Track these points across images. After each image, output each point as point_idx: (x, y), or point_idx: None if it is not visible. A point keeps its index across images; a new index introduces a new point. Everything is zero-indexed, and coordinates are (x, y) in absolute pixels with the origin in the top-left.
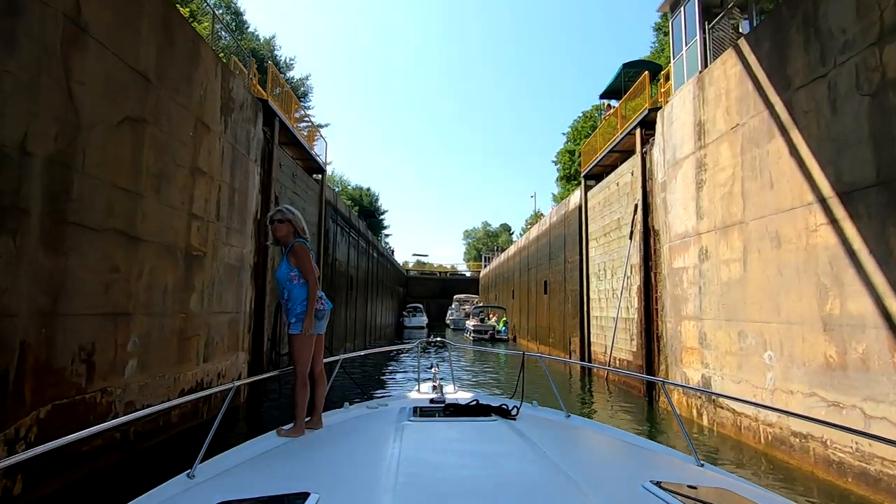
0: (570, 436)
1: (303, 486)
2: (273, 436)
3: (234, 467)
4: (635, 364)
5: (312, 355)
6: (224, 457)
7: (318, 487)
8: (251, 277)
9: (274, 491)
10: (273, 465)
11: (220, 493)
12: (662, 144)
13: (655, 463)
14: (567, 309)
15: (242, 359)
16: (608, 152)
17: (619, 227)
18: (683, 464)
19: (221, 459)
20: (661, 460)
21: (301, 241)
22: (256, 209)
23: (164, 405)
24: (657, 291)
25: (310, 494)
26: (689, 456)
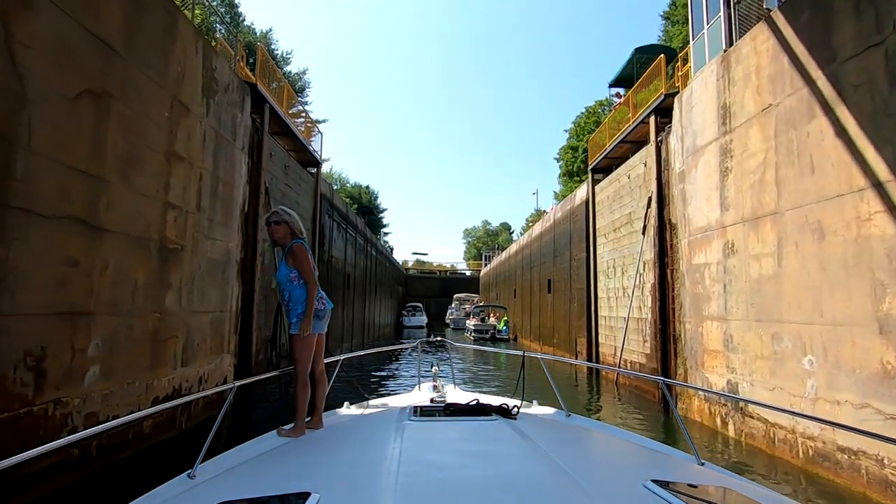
0: (570, 435)
1: (303, 486)
2: (273, 436)
3: (234, 467)
4: (649, 367)
5: (313, 355)
6: (224, 457)
7: (319, 487)
8: (238, 274)
9: (274, 491)
10: (274, 465)
11: (220, 494)
12: (680, 132)
13: (656, 462)
14: (573, 308)
15: (228, 362)
16: (618, 143)
17: (630, 222)
18: (684, 463)
19: (222, 459)
20: (662, 459)
21: (299, 241)
22: (244, 201)
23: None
24: (674, 290)
25: (310, 494)
26: (689, 455)
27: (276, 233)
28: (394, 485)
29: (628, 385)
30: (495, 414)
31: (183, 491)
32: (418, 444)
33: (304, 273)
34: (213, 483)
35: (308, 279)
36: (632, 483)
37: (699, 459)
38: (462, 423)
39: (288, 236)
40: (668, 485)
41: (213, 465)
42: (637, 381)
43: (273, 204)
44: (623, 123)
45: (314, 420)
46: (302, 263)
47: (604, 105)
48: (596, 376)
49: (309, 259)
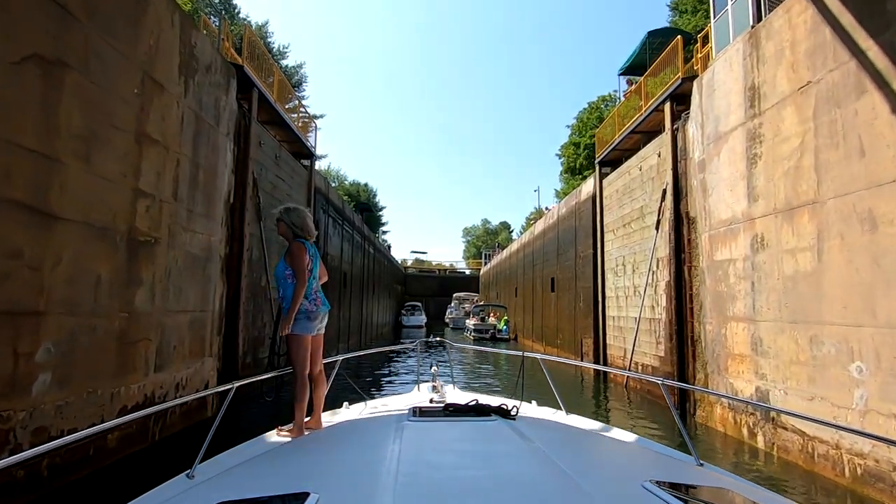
0: (569, 435)
1: (302, 486)
2: (273, 436)
3: (233, 467)
4: (663, 371)
5: (311, 355)
6: (223, 457)
7: (318, 487)
8: (222, 270)
9: (273, 491)
10: (273, 465)
11: (219, 494)
12: (700, 118)
13: (655, 462)
14: (578, 308)
15: (210, 366)
16: (628, 133)
17: (641, 217)
18: (683, 463)
19: (221, 460)
20: (661, 460)
21: (300, 241)
22: (229, 191)
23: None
24: (692, 288)
25: (309, 494)
26: (688, 455)
27: (279, 229)
28: (393, 485)
29: (639, 389)
30: (494, 414)
31: (182, 491)
32: (417, 444)
33: (295, 272)
34: (212, 483)
35: (297, 278)
36: (631, 483)
37: (698, 460)
38: (461, 424)
39: (288, 234)
40: (667, 485)
41: (212, 466)
42: (649, 385)
43: (262, 196)
44: (634, 113)
45: (313, 420)
46: (295, 262)
47: (606, 101)
48: (603, 379)
49: (302, 258)
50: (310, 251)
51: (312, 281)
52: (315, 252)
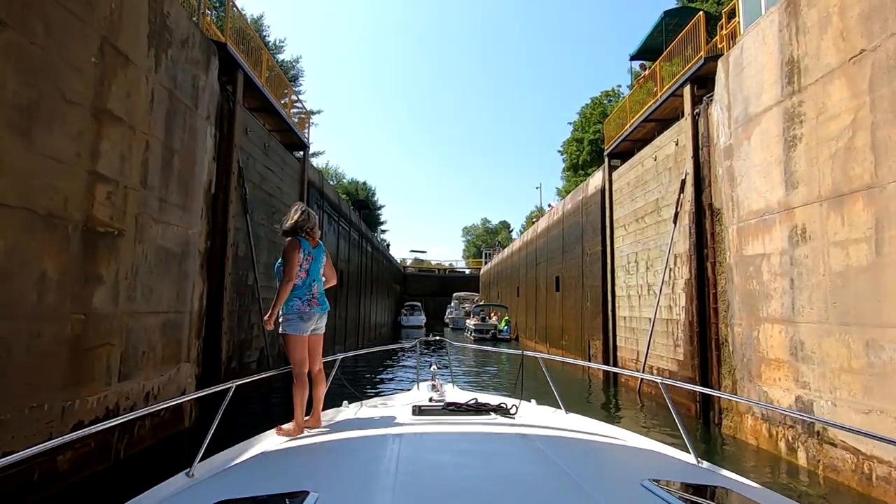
0: (569, 434)
1: (302, 484)
2: (272, 434)
3: (232, 466)
4: (682, 376)
5: (310, 354)
6: (223, 455)
7: (317, 486)
8: (202, 267)
9: (273, 490)
10: (272, 463)
11: (218, 492)
12: (726, 100)
13: (654, 461)
14: (585, 308)
15: (187, 372)
16: (641, 122)
17: (657, 210)
18: (682, 462)
19: (220, 458)
20: (660, 458)
21: (296, 238)
22: (210, 180)
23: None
24: (716, 286)
25: (309, 493)
26: (687, 454)
27: None
28: (392, 484)
29: (655, 395)
30: (494, 413)
31: (181, 489)
32: (417, 443)
33: (285, 269)
34: (212, 482)
35: (284, 276)
36: (630, 482)
37: (697, 458)
38: (461, 422)
39: (288, 230)
40: (666, 483)
41: (212, 464)
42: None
43: (249, 187)
44: (648, 99)
45: (313, 419)
46: (285, 259)
47: (610, 96)
48: (613, 383)
49: (291, 255)
50: (305, 250)
51: (309, 281)
52: (317, 253)
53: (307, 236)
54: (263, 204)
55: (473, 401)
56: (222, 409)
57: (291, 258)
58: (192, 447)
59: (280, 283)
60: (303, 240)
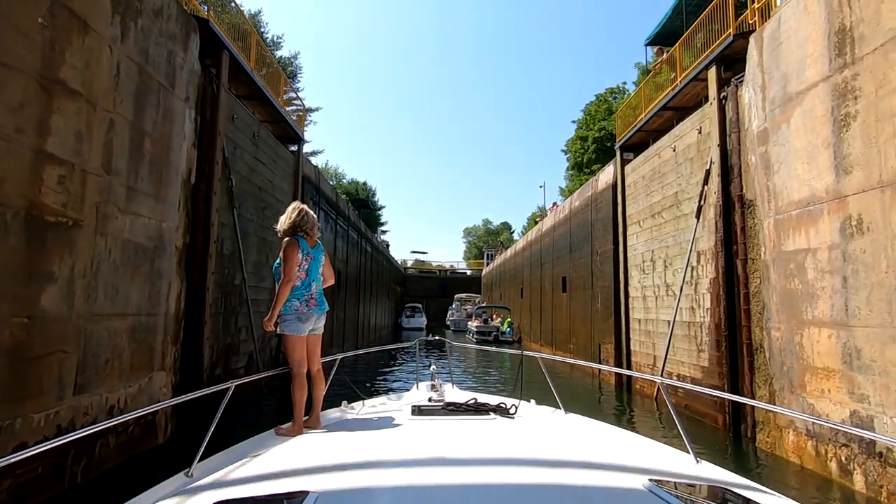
0: (568, 434)
1: (301, 485)
2: (271, 435)
3: (231, 466)
4: (707, 384)
5: (309, 354)
6: (222, 456)
7: (317, 486)
8: (179, 265)
9: (272, 490)
10: (271, 464)
11: (217, 493)
12: (760, 79)
13: (654, 461)
14: (595, 309)
15: (161, 381)
16: (658, 110)
17: (676, 204)
18: (682, 462)
19: (219, 459)
20: (660, 458)
21: (294, 238)
22: (189, 169)
23: None
24: (747, 285)
25: (308, 493)
26: (687, 454)
27: None
28: (391, 483)
29: (676, 403)
30: (493, 413)
31: (180, 490)
32: (416, 442)
33: (283, 269)
34: (211, 482)
35: (283, 276)
36: (630, 482)
37: (697, 458)
38: (460, 422)
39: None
40: (666, 484)
41: (211, 464)
42: (688, 400)
43: (236, 179)
44: (666, 86)
45: (312, 419)
46: (284, 260)
47: (615, 93)
48: (627, 388)
49: (290, 256)
50: (304, 250)
51: (308, 282)
52: (315, 253)
53: (305, 236)
54: (253, 198)
55: (473, 401)
56: (221, 410)
57: (290, 259)
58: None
59: (279, 284)
60: (301, 240)
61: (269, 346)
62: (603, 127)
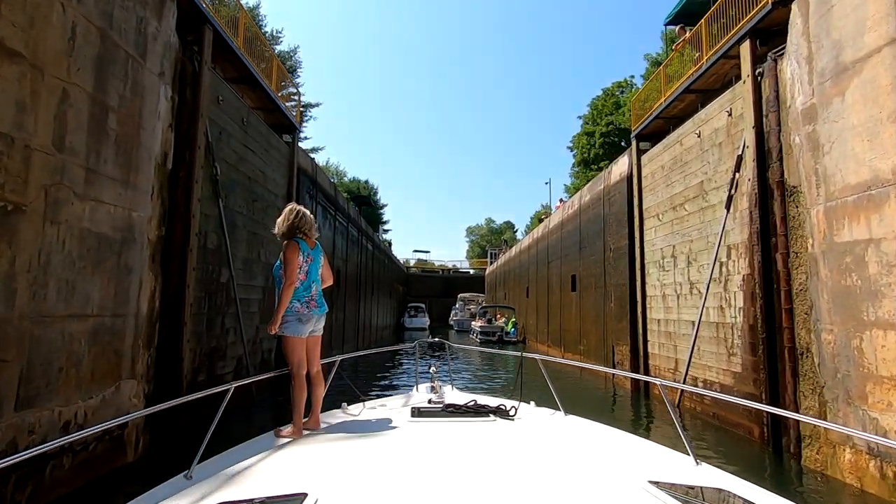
0: (567, 435)
1: (300, 486)
2: (271, 436)
3: (231, 468)
4: (741, 392)
5: (308, 355)
6: (221, 458)
7: (316, 488)
8: (152, 260)
9: (271, 492)
10: (271, 465)
11: (217, 494)
12: (806, 50)
13: (653, 462)
14: (608, 309)
15: (130, 391)
16: (680, 93)
17: (701, 195)
18: (681, 463)
19: (219, 460)
20: (659, 459)
21: (294, 240)
22: (165, 153)
23: None
24: (789, 282)
25: (307, 495)
26: (686, 455)
27: None
28: (391, 485)
29: (702, 411)
30: (493, 415)
31: (180, 491)
32: (416, 444)
33: (285, 271)
34: (210, 484)
35: (285, 278)
36: (629, 483)
37: (696, 459)
38: (460, 424)
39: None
40: (665, 485)
41: (210, 466)
42: (716, 408)
43: (223, 167)
44: (688, 68)
45: (311, 421)
46: (285, 261)
47: (623, 86)
48: (645, 394)
49: (292, 258)
50: (304, 251)
51: (309, 283)
52: (315, 254)
53: (304, 237)
54: (242, 189)
55: (472, 402)
56: (221, 411)
57: (291, 260)
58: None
59: (281, 287)
60: (301, 241)
61: (260, 348)
62: (610, 122)
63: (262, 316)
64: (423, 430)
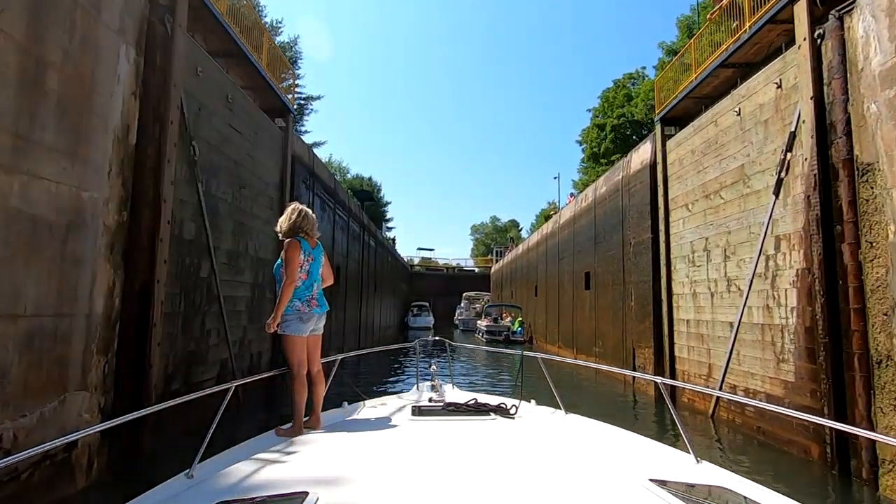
0: (568, 434)
1: (301, 485)
2: (272, 436)
3: (232, 467)
4: (795, 404)
5: (309, 355)
6: (222, 457)
7: (317, 487)
8: (110, 250)
9: (272, 491)
10: (271, 465)
11: (218, 493)
12: (887, 1)
13: (654, 460)
14: (628, 308)
15: (81, 405)
16: (715, 68)
17: (742, 180)
18: (682, 461)
19: (220, 459)
20: (660, 458)
21: (295, 238)
22: (127, 124)
23: None
24: (859, 277)
25: (308, 494)
26: (687, 454)
27: None
28: (392, 484)
29: (742, 424)
30: (493, 413)
31: (181, 491)
32: (417, 443)
33: (286, 270)
34: (211, 483)
35: (286, 277)
36: (630, 481)
37: (697, 458)
38: (460, 423)
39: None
40: (666, 483)
41: (211, 465)
42: (761, 421)
43: (202, 148)
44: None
45: (312, 420)
46: (286, 260)
47: (634, 78)
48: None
49: (293, 257)
50: (306, 251)
51: (310, 282)
52: (316, 253)
53: (306, 237)
54: (226, 174)
55: (473, 401)
56: (221, 410)
57: (293, 260)
58: None
59: (282, 286)
60: (302, 240)
61: (248, 351)
62: (622, 114)
63: (252, 315)
64: (423, 428)
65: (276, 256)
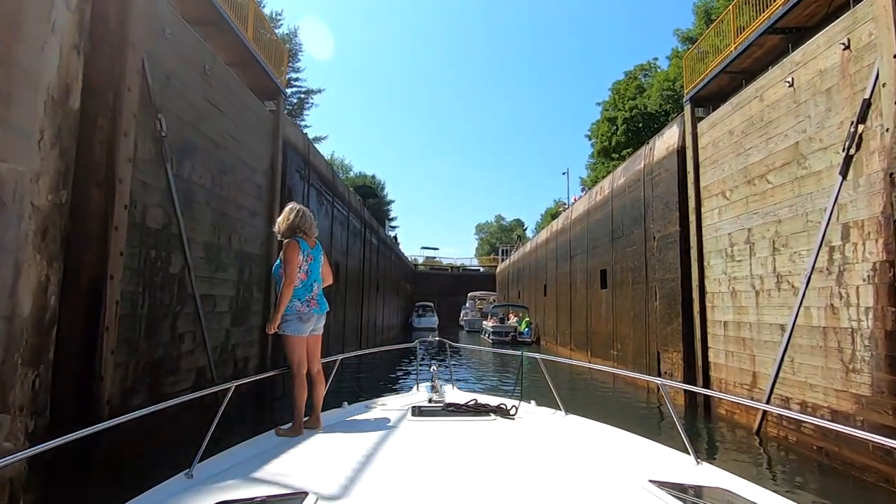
0: (568, 434)
1: (301, 485)
2: (271, 436)
3: (232, 467)
4: (871, 423)
5: (309, 355)
6: (222, 457)
7: (317, 487)
8: (42, 237)
9: (272, 491)
10: (271, 465)
11: (218, 493)
12: None
13: (654, 462)
14: (652, 308)
15: (3, 430)
16: (760, 35)
17: (797, 160)
18: (682, 462)
19: (219, 459)
20: (660, 459)
21: (294, 238)
22: (67, 84)
23: None
24: None
25: (308, 494)
26: (687, 455)
27: None
28: (392, 484)
29: (798, 442)
30: (493, 414)
31: (181, 491)
32: (417, 443)
33: (285, 270)
34: (211, 483)
35: (285, 278)
36: (630, 483)
37: (697, 459)
38: (460, 423)
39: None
40: (666, 485)
41: (211, 465)
42: (826, 441)
43: (170, 120)
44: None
45: (312, 420)
46: (284, 261)
47: (646, 69)
48: (706, 414)
49: (293, 258)
50: (304, 251)
51: (310, 282)
52: (315, 253)
53: (304, 236)
54: (204, 155)
55: (473, 402)
56: (221, 410)
57: (292, 260)
58: None
59: (281, 287)
60: (301, 240)
61: (232, 357)
62: (634, 106)
63: (236, 317)
64: (423, 429)
65: (265, 250)
